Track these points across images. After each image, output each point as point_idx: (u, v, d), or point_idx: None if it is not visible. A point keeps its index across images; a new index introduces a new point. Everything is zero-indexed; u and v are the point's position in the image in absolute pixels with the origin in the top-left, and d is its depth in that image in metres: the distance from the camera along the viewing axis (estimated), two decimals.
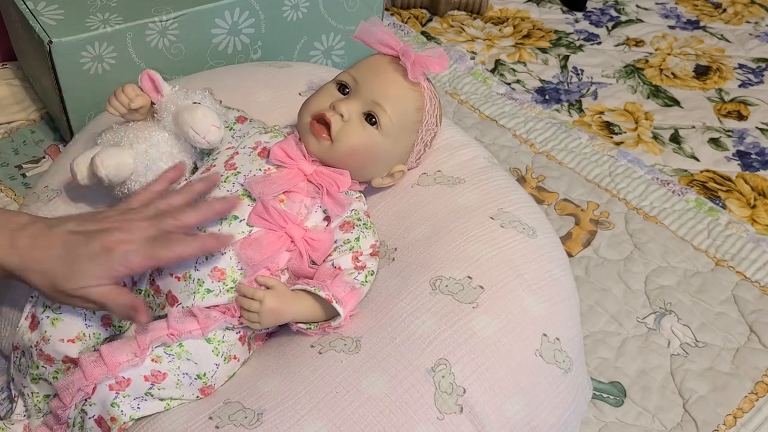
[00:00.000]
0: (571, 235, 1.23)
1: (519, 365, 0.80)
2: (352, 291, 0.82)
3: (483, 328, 0.80)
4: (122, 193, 0.88)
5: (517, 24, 1.71)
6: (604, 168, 1.34)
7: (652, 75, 1.59)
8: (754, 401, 1.03)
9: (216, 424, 0.75)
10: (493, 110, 1.45)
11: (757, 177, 1.38)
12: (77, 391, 0.77)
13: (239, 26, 1.24)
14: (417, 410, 0.75)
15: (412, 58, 0.88)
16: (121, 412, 0.76)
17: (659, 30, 1.73)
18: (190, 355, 0.79)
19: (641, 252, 1.21)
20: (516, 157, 1.35)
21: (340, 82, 0.91)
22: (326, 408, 0.75)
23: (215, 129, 0.87)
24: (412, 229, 0.92)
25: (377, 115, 0.88)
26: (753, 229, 1.26)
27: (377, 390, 0.76)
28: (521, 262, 0.87)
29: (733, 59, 1.65)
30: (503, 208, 0.93)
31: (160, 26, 1.16)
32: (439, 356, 0.78)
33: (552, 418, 0.81)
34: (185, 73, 1.18)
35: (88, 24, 1.13)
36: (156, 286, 0.83)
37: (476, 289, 0.83)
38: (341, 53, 1.40)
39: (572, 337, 0.86)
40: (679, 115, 1.50)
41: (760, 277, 1.18)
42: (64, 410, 0.78)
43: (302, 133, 0.89)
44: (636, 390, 1.03)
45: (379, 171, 0.92)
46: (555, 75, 1.58)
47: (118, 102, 0.88)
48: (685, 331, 1.10)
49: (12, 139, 1.31)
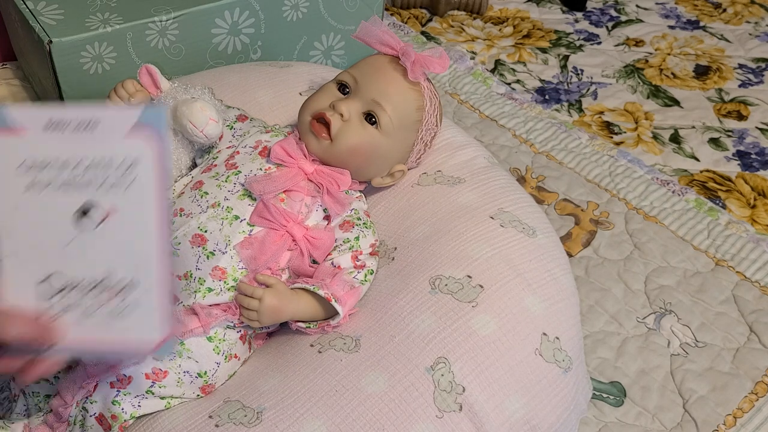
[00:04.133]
0: (571, 235, 1.23)
1: (518, 364, 0.80)
2: (351, 290, 0.82)
3: (482, 327, 0.80)
4: None
5: (517, 24, 1.71)
6: (604, 168, 1.34)
7: (652, 75, 1.59)
8: (754, 401, 1.03)
9: (216, 422, 0.75)
10: (493, 110, 1.45)
11: (757, 177, 1.38)
12: (79, 388, 0.77)
13: (239, 26, 1.24)
14: (416, 408, 0.75)
15: (412, 57, 0.88)
16: (122, 410, 0.76)
17: (659, 30, 1.73)
18: (191, 354, 0.79)
19: (641, 252, 1.21)
20: (516, 157, 1.35)
21: (341, 81, 0.91)
22: (326, 406, 0.75)
23: (213, 123, 0.86)
24: (412, 228, 0.92)
25: (377, 115, 0.88)
26: (753, 229, 1.26)
27: (377, 388, 0.76)
28: (521, 261, 0.87)
29: (733, 59, 1.65)
30: (503, 207, 0.94)
31: (160, 26, 1.16)
32: (439, 355, 0.78)
33: (551, 416, 0.81)
34: (185, 73, 1.18)
35: (88, 24, 1.13)
36: None
37: (476, 288, 0.83)
38: (341, 53, 1.41)
39: (572, 336, 0.86)
40: (679, 115, 1.50)
41: (760, 277, 1.18)
42: (65, 408, 0.78)
43: (302, 132, 0.89)
44: (636, 390, 1.03)
45: (379, 170, 0.93)
46: (555, 75, 1.58)
47: (118, 97, 0.88)
48: (685, 331, 1.10)
49: None
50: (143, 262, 0.62)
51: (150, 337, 0.63)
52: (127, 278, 0.62)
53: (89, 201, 0.61)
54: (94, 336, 0.62)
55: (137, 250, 0.62)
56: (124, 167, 0.61)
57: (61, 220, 0.61)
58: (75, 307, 0.62)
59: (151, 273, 0.62)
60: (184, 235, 0.82)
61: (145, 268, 0.62)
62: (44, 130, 0.60)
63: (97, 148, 0.61)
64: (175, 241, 0.83)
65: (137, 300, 0.62)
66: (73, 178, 0.61)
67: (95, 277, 0.62)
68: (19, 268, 0.61)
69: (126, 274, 0.62)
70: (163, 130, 0.62)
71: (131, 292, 0.62)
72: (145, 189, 0.62)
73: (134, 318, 0.62)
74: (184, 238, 0.82)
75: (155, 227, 0.62)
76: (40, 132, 0.60)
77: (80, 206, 0.61)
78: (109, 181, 0.61)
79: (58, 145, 0.61)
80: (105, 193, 0.61)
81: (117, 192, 0.61)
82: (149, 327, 0.63)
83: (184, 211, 0.84)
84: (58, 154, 0.61)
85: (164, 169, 0.61)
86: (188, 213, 0.84)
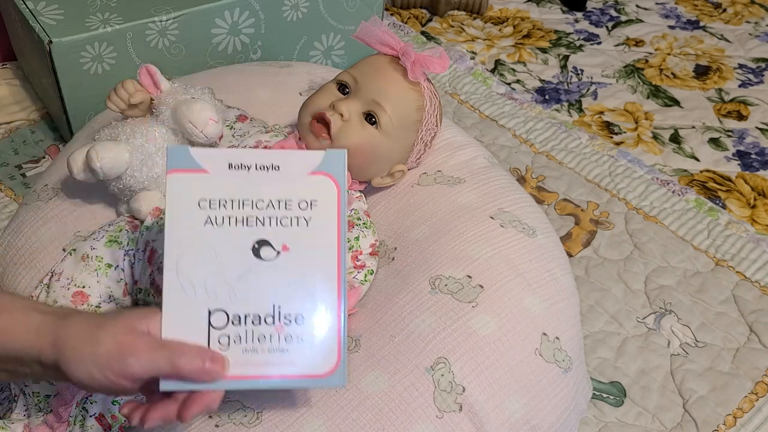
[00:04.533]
0: (571, 235, 1.23)
1: (518, 364, 0.80)
2: (351, 290, 0.82)
3: (482, 327, 0.80)
4: (117, 188, 0.88)
5: (517, 24, 1.71)
6: (604, 168, 1.34)
7: (652, 75, 1.59)
8: (754, 401, 1.03)
9: (216, 422, 0.75)
10: (493, 110, 1.45)
11: (756, 177, 1.38)
12: (79, 389, 0.77)
13: (239, 26, 1.24)
14: (416, 409, 0.75)
15: (412, 57, 0.88)
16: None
17: (659, 30, 1.73)
18: None
19: (641, 252, 1.21)
20: (516, 157, 1.35)
21: (341, 81, 0.91)
22: (325, 407, 0.75)
23: (213, 122, 0.86)
24: (412, 228, 0.92)
25: (377, 115, 0.88)
26: (753, 229, 1.26)
27: (376, 388, 0.76)
28: (521, 261, 0.87)
29: (733, 59, 1.65)
30: (503, 207, 0.93)
31: (160, 26, 1.17)
32: (439, 355, 0.78)
33: (551, 416, 0.81)
34: (185, 73, 1.18)
35: (88, 24, 1.13)
36: (156, 285, 0.83)
37: (476, 288, 0.83)
38: (341, 53, 1.41)
39: (572, 336, 0.86)
40: (679, 115, 1.50)
41: (760, 277, 1.18)
42: (65, 408, 0.78)
43: (302, 132, 0.89)
44: (636, 390, 1.03)
45: (379, 170, 0.93)
46: (555, 75, 1.58)
47: (118, 97, 0.88)
48: (685, 331, 1.10)
49: (12, 139, 1.31)
50: (313, 298, 0.64)
51: (314, 371, 0.63)
52: (294, 313, 0.63)
53: (265, 237, 0.63)
54: (257, 369, 0.63)
55: (308, 287, 0.64)
56: (304, 207, 0.64)
57: (236, 254, 0.63)
58: (241, 339, 0.63)
59: (320, 308, 0.63)
60: None
61: (313, 304, 0.63)
62: (228, 170, 0.63)
63: (279, 187, 0.64)
64: None
65: (301, 334, 0.63)
66: (252, 214, 0.63)
67: (263, 311, 0.63)
68: (192, 300, 0.62)
69: (294, 309, 0.63)
70: (343, 172, 0.65)
71: (296, 327, 0.63)
72: (323, 228, 0.64)
73: (299, 352, 0.63)
74: None
75: (329, 264, 0.64)
76: (225, 171, 0.63)
77: (256, 241, 0.63)
78: (287, 220, 0.64)
79: (240, 184, 0.63)
80: (282, 231, 0.63)
81: (294, 230, 0.63)
82: (315, 360, 0.63)
83: None
84: (239, 192, 0.63)
85: (343, 211, 0.64)
86: None
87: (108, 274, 0.85)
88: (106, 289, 0.84)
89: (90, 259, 0.85)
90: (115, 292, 0.85)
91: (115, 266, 0.85)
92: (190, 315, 0.62)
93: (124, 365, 0.58)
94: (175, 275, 0.62)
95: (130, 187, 0.87)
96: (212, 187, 0.63)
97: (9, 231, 0.94)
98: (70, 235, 0.91)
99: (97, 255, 0.85)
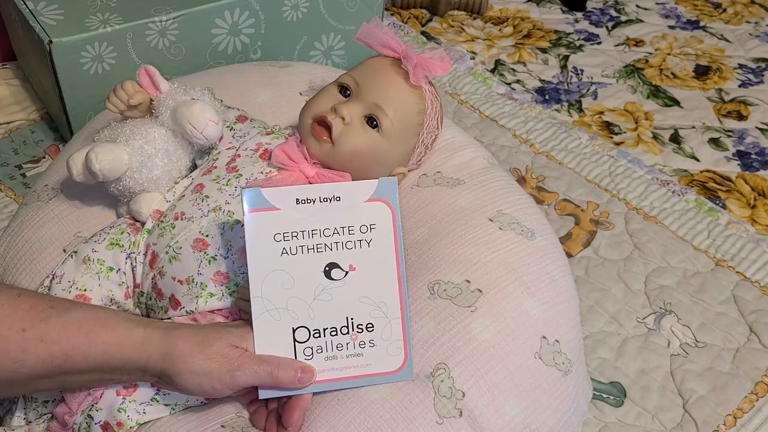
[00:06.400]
0: (571, 235, 1.23)
1: (518, 368, 0.80)
2: None
3: (482, 332, 0.80)
4: (117, 190, 0.88)
5: (517, 24, 1.71)
6: (604, 168, 1.34)
7: (652, 75, 1.59)
8: (754, 401, 1.03)
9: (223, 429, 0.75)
10: (493, 110, 1.45)
11: (756, 177, 1.38)
12: (85, 396, 0.76)
13: (239, 26, 1.24)
14: (417, 415, 0.75)
15: (414, 61, 0.88)
16: (127, 417, 0.76)
17: (659, 30, 1.73)
18: None
19: (641, 252, 1.21)
20: (516, 158, 1.35)
21: (342, 84, 0.91)
22: (327, 414, 0.75)
23: (213, 124, 0.86)
24: (411, 231, 0.92)
25: (378, 118, 0.88)
26: (753, 229, 1.26)
27: (377, 395, 0.76)
28: (520, 264, 0.87)
29: (733, 59, 1.65)
30: (502, 209, 0.93)
31: (160, 26, 1.16)
32: (438, 360, 0.78)
33: (552, 420, 0.81)
34: (185, 73, 1.18)
35: (88, 24, 1.13)
36: (158, 289, 0.83)
37: (474, 293, 0.83)
38: (341, 53, 1.40)
39: (572, 338, 0.86)
40: (679, 115, 1.50)
41: (760, 277, 1.18)
42: (70, 416, 0.78)
43: (303, 135, 0.89)
44: (636, 390, 1.03)
45: (379, 173, 0.92)
46: (555, 75, 1.58)
47: (117, 98, 0.87)
48: (685, 331, 1.10)
49: (12, 139, 1.31)
50: (379, 308, 0.75)
51: (386, 369, 0.75)
52: (364, 322, 0.74)
53: (334, 260, 0.74)
54: (339, 372, 0.74)
55: (374, 298, 0.74)
56: (365, 230, 0.74)
57: (311, 277, 0.73)
58: (322, 349, 0.74)
59: (386, 315, 0.75)
60: (186, 239, 0.82)
61: (380, 312, 0.75)
62: (296, 205, 0.73)
63: (341, 216, 0.74)
64: (176, 245, 0.83)
65: (372, 340, 0.75)
66: (321, 242, 0.73)
67: (338, 324, 0.74)
68: (279, 321, 0.73)
69: (364, 318, 0.74)
70: (395, 197, 0.75)
71: (368, 334, 0.75)
72: (382, 247, 0.75)
73: (372, 354, 0.75)
74: (185, 242, 0.82)
75: (390, 277, 0.75)
76: (293, 206, 0.73)
77: (327, 264, 0.73)
78: (351, 243, 0.74)
79: (308, 216, 0.73)
80: (348, 253, 0.74)
81: (358, 251, 0.74)
82: (386, 360, 0.75)
83: (185, 215, 0.84)
84: (308, 223, 0.73)
85: (398, 230, 0.75)
86: (189, 217, 0.84)
87: (109, 278, 0.85)
88: (108, 292, 0.84)
89: (91, 262, 0.85)
90: (116, 295, 0.85)
91: (117, 269, 0.85)
92: (278, 333, 0.72)
93: (233, 378, 0.69)
94: (262, 301, 0.72)
95: (129, 188, 0.87)
96: (284, 222, 0.73)
97: (9, 231, 0.94)
98: (71, 236, 0.91)
99: (99, 258, 0.85)
